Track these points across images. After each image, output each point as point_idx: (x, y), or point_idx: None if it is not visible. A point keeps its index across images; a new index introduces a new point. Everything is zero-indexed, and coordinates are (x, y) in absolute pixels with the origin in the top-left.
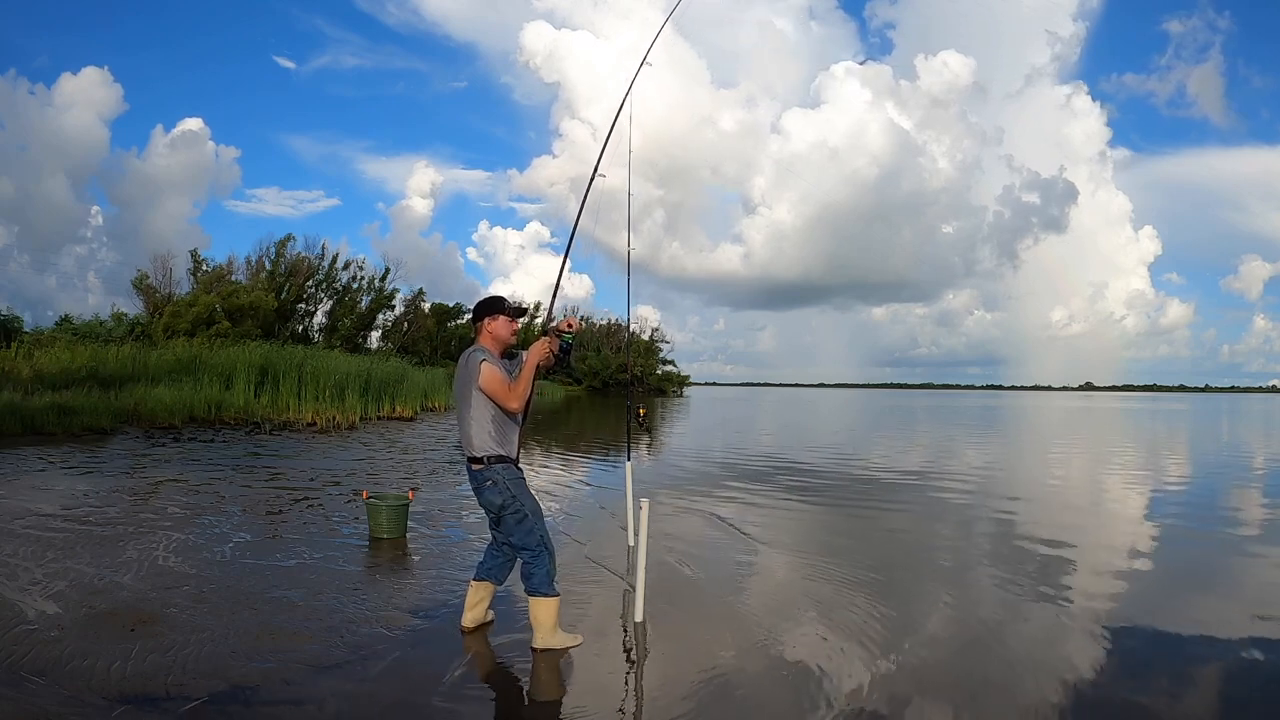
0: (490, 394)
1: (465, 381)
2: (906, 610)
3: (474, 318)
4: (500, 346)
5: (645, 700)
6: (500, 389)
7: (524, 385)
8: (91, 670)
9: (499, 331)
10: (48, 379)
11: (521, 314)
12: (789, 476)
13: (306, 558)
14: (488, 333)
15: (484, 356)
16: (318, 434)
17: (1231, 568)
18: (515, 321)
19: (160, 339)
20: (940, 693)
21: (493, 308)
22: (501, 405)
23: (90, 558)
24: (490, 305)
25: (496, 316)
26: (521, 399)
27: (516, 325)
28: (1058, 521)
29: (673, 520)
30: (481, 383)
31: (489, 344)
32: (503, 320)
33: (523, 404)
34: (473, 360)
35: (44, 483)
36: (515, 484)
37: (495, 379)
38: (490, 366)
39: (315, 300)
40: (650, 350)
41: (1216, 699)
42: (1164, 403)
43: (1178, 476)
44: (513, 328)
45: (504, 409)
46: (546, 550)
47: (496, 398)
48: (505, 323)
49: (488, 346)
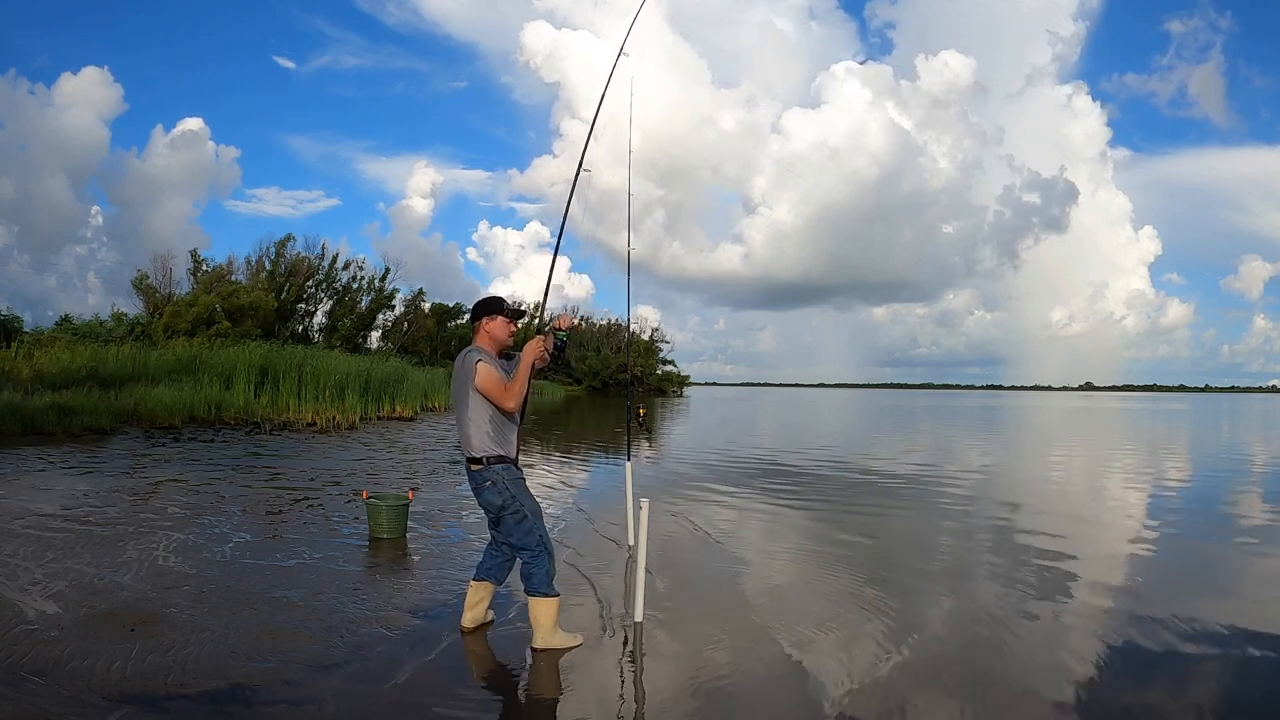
0: (486, 394)
1: (462, 382)
2: (907, 611)
3: (472, 318)
4: (498, 347)
5: (645, 700)
6: (496, 389)
7: (519, 385)
8: (91, 670)
9: (497, 332)
10: (48, 379)
11: (520, 315)
12: (789, 477)
13: (306, 558)
14: (485, 333)
15: (480, 357)
16: (318, 434)
17: (1232, 568)
18: (513, 323)
19: (160, 339)
20: (941, 693)
21: (491, 308)
22: (498, 405)
23: (90, 558)
24: (488, 306)
25: (494, 317)
26: (517, 399)
27: (514, 327)
28: (1058, 522)
29: (673, 520)
30: (478, 382)
31: (486, 344)
32: (500, 321)
33: (519, 404)
34: (469, 360)
35: (44, 483)
36: (515, 484)
37: (491, 379)
38: (486, 366)
39: (315, 300)
40: (650, 350)
41: (1218, 699)
42: (1164, 403)
43: (1178, 476)
44: (510, 329)
45: (501, 409)
46: (546, 550)
47: (492, 398)
48: (503, 324)
49: (485, 347)
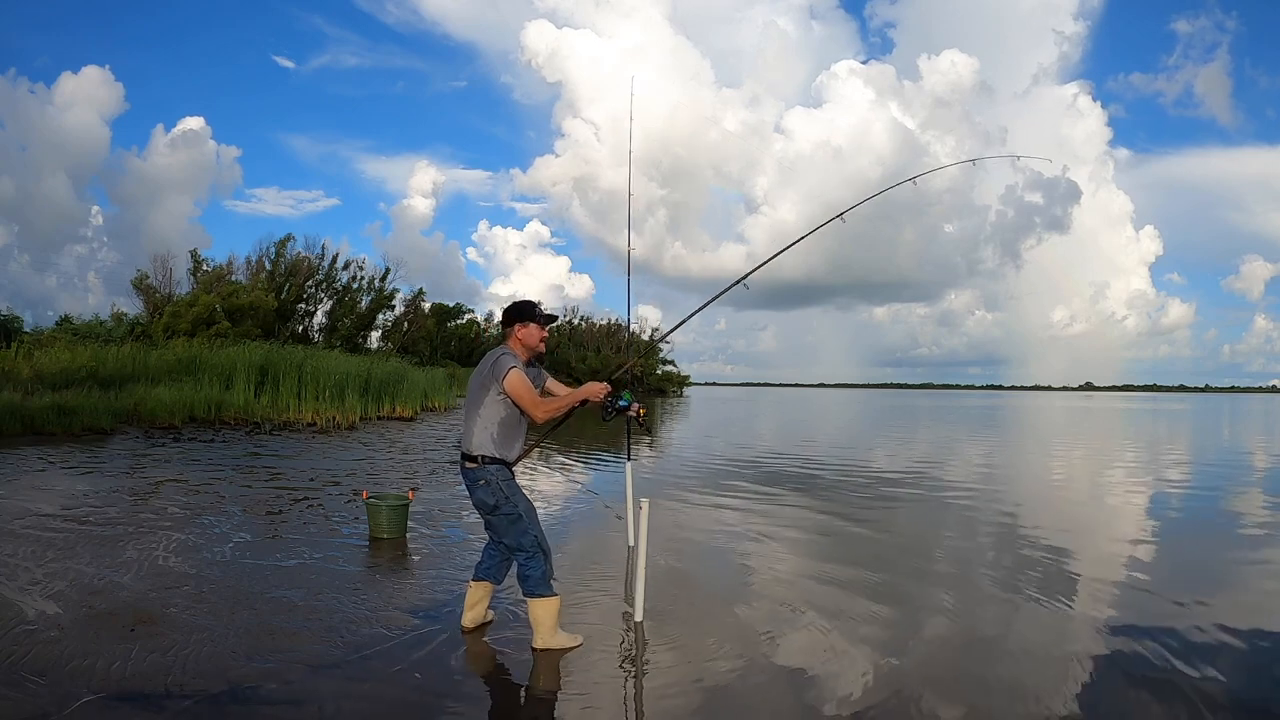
0: (516, 398)
1: (484, 380)
2: (908, 611)
3: (504, 323)
4: (529, 354)
5: (645, 700)
6: (529, 397)
7: (556, 406)
8: (91, 670)
9: (529, 339)
10: (48, 379)
11: (552, 321)
12: (790, 477)
13: (306, 558)
14: (517, 339)
15: (515, 363)
16: (318, 434)
17: (1234, 568)
18: (545, 329)
19: (160, 339)
20: (941, 694)
21: (524, 314)
22: (526, 411)
23: (90, 558)
24: (521, 311)
25: (527, 324)
26: (547, 415)
27: (545, 333)
28: (1059, 522)
29: (673, 520)
30: (507, 385)
31: (518, 349)
32: (534, 328)
33: (546, 419)
34: (501, 363)
35: (44, 483)
36: (508, 485)
37: (525, 386)
38: (520, 374)
39: (315, 300)
40: (650, 350)
41: (1219, 700)
42: (1164, 403)
43: (1179, 477)
44: (542, 335)
45: (526, 414)
46: (541, 550)
47: (522, 404)
48: (536, 330)
49: (516, 352)
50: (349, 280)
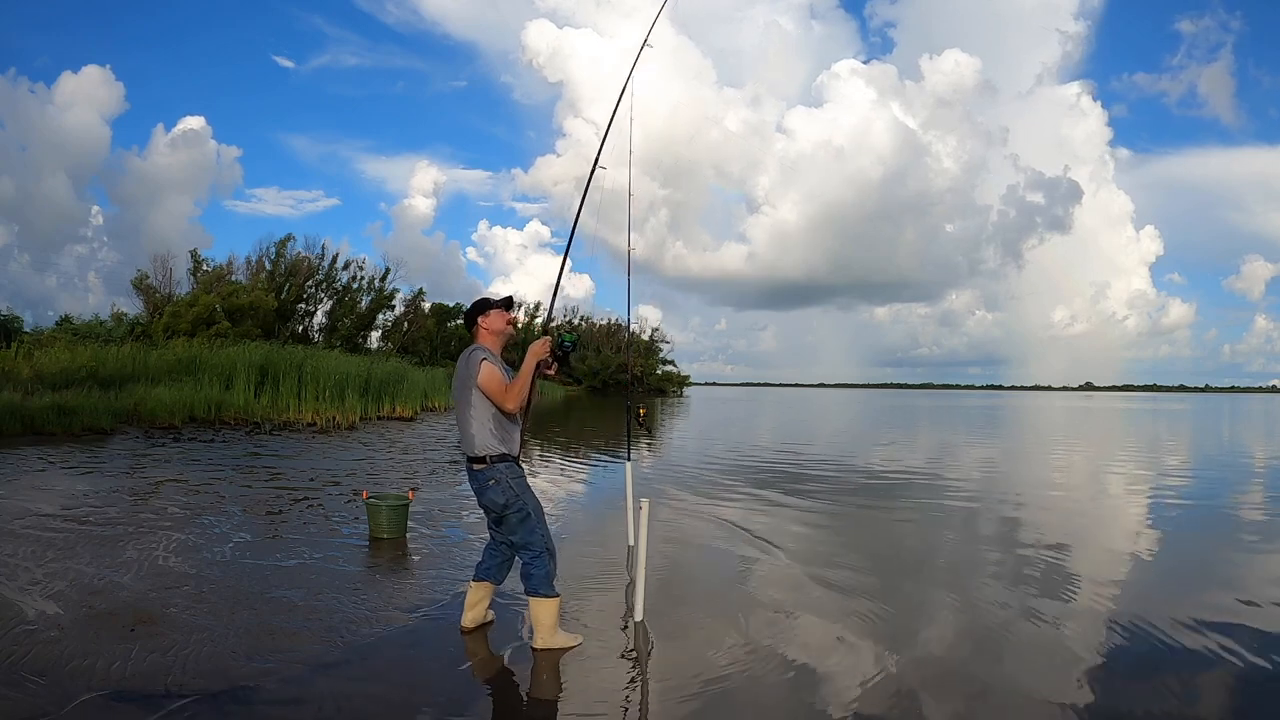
0: (487, 393)
1: (465, 380)
2: (908, 611)
3: (467, 324)
4: (500, 340)
5: (646, 700)
6: (497, 388)
7: (521, 385)
8: (91, 670)
9: (494, 325)
10: (48, 379)
11: (509, 304)
12: (790, 477)
13: (306, 558)
14: (484, 330)
15: (484, 355)
16: (318, 434)
17: (1234, 568)
18: (507, 311)
19: (160, 339)
20: (943, 693)
21: (480, 306)
22: (499, 406)
23: (90, 558)
24: (478, 305)
25: (487, 313)
26: (518, 399)
27: (510, 314)
28: (1059, 522)
29: (673, 520)
30: (479, 380)
31: (488, 341)
32: (495, 314)
33: (520, 404)
34: (473, 359)
35: (44, 483)
36: (518, 483)
37: (494, 378)
38: (490, 365)
39: (315, 300)
40: (650, 350)
41: (1220, 701)
42: (1164, 403)
43: (1179, 477)
44: (506, 318)
45: (497, 406)
46: (548, 550)
47: (494, 397)
48: (498, 315)
49: (487, 344)
50: (349, 280)
